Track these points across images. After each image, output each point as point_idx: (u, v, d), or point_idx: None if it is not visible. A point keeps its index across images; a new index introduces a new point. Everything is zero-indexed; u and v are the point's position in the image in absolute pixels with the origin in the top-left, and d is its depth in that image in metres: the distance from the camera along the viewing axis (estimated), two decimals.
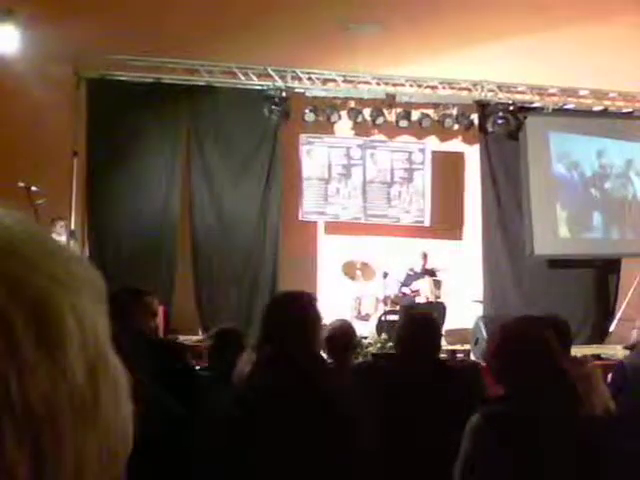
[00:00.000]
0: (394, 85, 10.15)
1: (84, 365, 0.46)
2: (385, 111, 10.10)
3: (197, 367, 4.20)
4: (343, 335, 3.93)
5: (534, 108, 10.53)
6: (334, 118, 9.92)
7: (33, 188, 7.63)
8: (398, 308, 8.83)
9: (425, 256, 9.24)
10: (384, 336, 8.19)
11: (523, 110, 10.41)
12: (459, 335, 9.43)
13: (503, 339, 2.41)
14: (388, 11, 9.51)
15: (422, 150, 10.36)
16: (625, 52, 10.07)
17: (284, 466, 2.28)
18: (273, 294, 8.18)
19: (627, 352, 5.40)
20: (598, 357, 7.09)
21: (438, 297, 9.02)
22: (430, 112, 10.28)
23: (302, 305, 2.50)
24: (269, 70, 9.67)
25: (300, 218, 10.06)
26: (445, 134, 10.53)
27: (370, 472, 2.35)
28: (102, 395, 0.47)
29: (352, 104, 10.17)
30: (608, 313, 10.63)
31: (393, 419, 2.84)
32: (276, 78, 9.69)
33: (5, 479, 0.41)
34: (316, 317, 2.51)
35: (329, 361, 3.71)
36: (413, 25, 9.82)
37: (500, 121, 10.13)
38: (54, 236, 7.77)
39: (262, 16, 9.32)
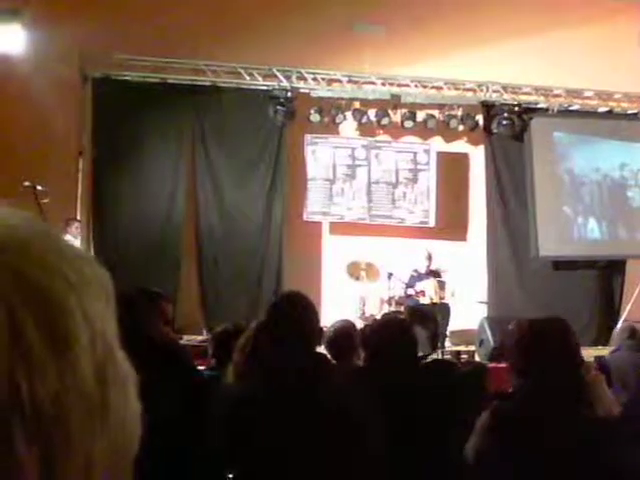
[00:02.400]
0: (399, 86, 10.13)
1: (93, 364, 0.46)
2: (390, 112, 10.08)
3: (201, 367, 4.20)
4: (346, 336, 3.93)
5: (539, 109, 10.51)
6: (339, 118, 9.91)
7: (39, 187, 7.63)
8: (402, 309, 8.81)
9: (430, 257, 9.21)
10: None
11: (528, 111, 10.39)
12: (464, 336, 9.42)
13: (532, 336, 2.39)
14: (393, 12, 9.52)
15: (427, 151, 10.34)
16: (630, 53, 10.06)
17: (284, 467, 2.28)
18: (277, 294, 8.17)
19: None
20: (603, 358, 7.03)
21: (442, 298, 8.99)
22: (435, 113, 10.25)
23: (301, 306, 2.50)
24: (274, 70, 9.67)
25: (305, 218, 10.04)
26: (450, 135, 10.51)
27: (373, 473, 2.35)
28: (110, 394, 0.47)
29: (357, 104, 10.15)
30: (613, 314, 10.60)
31: (394, 420, 2.83)
32: (281, 78, 9.69)
33: (15, 478, 0.41)
34: (315, 318, 2.52)
35: (332, 362, 3.70)
36: (418, 26, 9.83)
37: (505, 122, 10.11)
38: (69, 237, 7.79)
39: (267, 16, 9.35)
